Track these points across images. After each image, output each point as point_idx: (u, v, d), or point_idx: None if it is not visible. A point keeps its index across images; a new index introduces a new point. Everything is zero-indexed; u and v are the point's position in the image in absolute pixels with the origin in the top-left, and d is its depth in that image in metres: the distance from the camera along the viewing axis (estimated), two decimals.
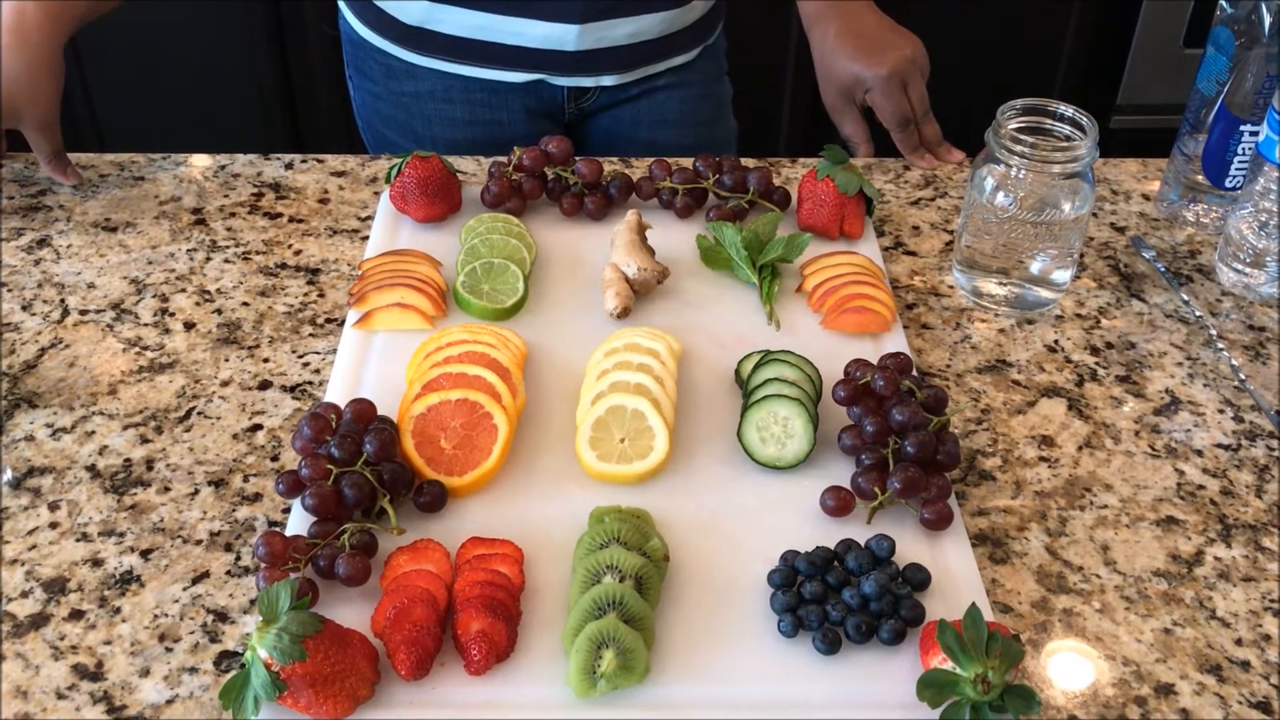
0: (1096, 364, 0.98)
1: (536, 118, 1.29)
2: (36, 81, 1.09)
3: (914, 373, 0.88)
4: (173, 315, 1.00)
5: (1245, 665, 0.74)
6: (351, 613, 0.74)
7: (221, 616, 0.76)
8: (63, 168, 1.14)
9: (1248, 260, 1.04)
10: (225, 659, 0.73)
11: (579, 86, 1.27)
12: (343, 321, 0.99)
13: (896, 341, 0.96)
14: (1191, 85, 1.11)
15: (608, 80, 1.27)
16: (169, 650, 0.74)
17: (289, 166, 1.19)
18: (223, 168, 1.19)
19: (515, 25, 1.20)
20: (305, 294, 1.02)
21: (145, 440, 0.88)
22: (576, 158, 1.09)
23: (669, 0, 1.23)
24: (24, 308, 1.00)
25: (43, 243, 1.08)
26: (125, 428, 0.89)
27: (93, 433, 0.88)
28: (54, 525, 0.81)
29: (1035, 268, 0.99)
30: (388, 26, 1.25)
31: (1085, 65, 2.28)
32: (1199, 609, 0.78)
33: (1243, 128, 1.05)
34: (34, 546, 0.80)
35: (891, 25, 1.21)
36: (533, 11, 1.19)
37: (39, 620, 0.75)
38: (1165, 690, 0.73)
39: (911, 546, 0.80)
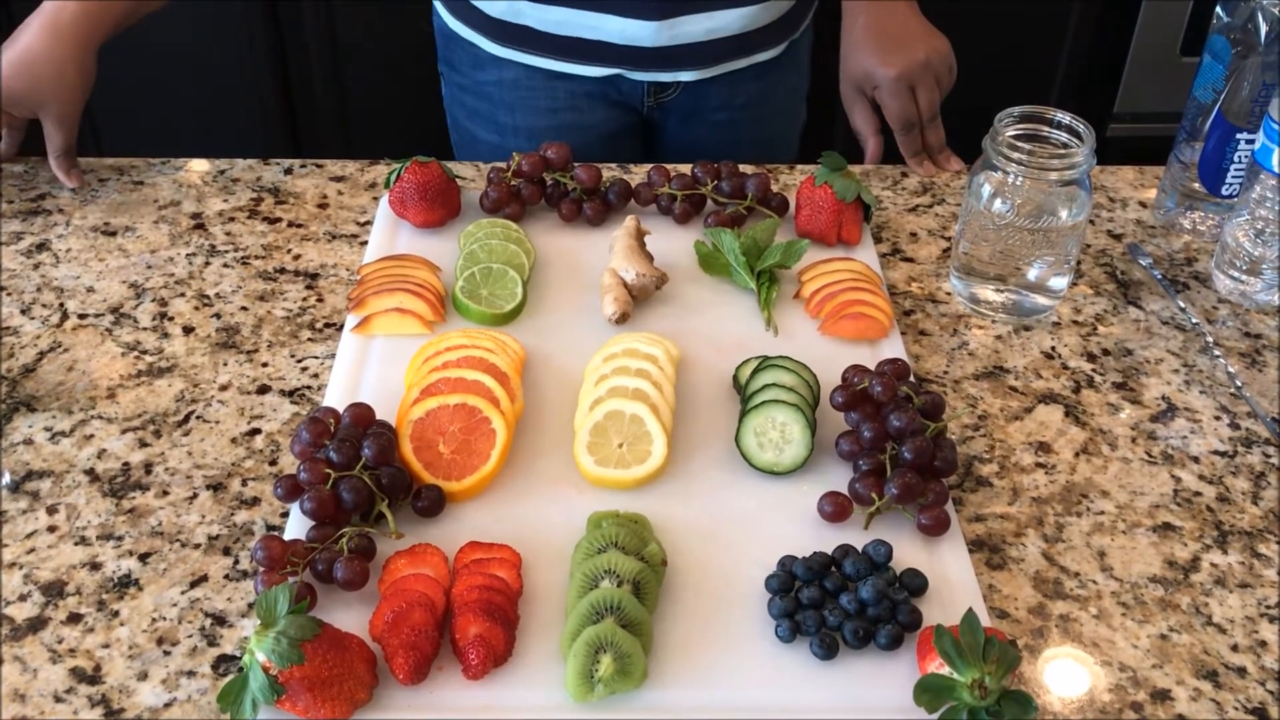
0: (1093, 371, 0.98)
1: (615, 109, 1.30)
2: (62, 74, 1.12)
3: (911, 379, 0.88)
4: (171, 319, 1.00)
5: (1241, 671, 0.75)
6: (350, 617, 0.74)
7: (220, 620, 0.76)
8: (68, 167, 1.15)
9: (1244, 268, 1.04)
10: (223, 662, 0.73)
11: (658, 81, 1.28)
12: (341, 326, 0.99)
13: (894, 348, 0.96)
14: (1188, 93, 1.11)
15: (686, 76, 1.27)
16: (167, 654, 0.74)
17: (288, 171, 1.19)
18: (222, 172, 1.19)
19: (593, 20, 1.21)
20: (304, 298, 1.03)
21: (144, 444, 0.88)
22: (575, 163, 1.10)
23: None
24: (23, 311, 1.00)
25: (42, 246, 1.08)
26: (124, 431, 0.89)
27: (91, 436, 0.88)
28: (52, 529, 0.81)
29: (1032, 274, 1.00)
30: (474, 18, 1.28)
31: (1082, 73, 2.28)
32: (1195, 615, 0.78)
33: (1239, 136, 1.06)
34: (32, 550, 0.80)
35: (920, 25, 1.21)
36: (611, 7, 1.20)
37: (37, 623, 0.75)
38: (1161, 696, 0.73)
39: (909, 552, 0.80)
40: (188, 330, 0.99)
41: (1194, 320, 1.03)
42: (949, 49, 1.19)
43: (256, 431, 0.89)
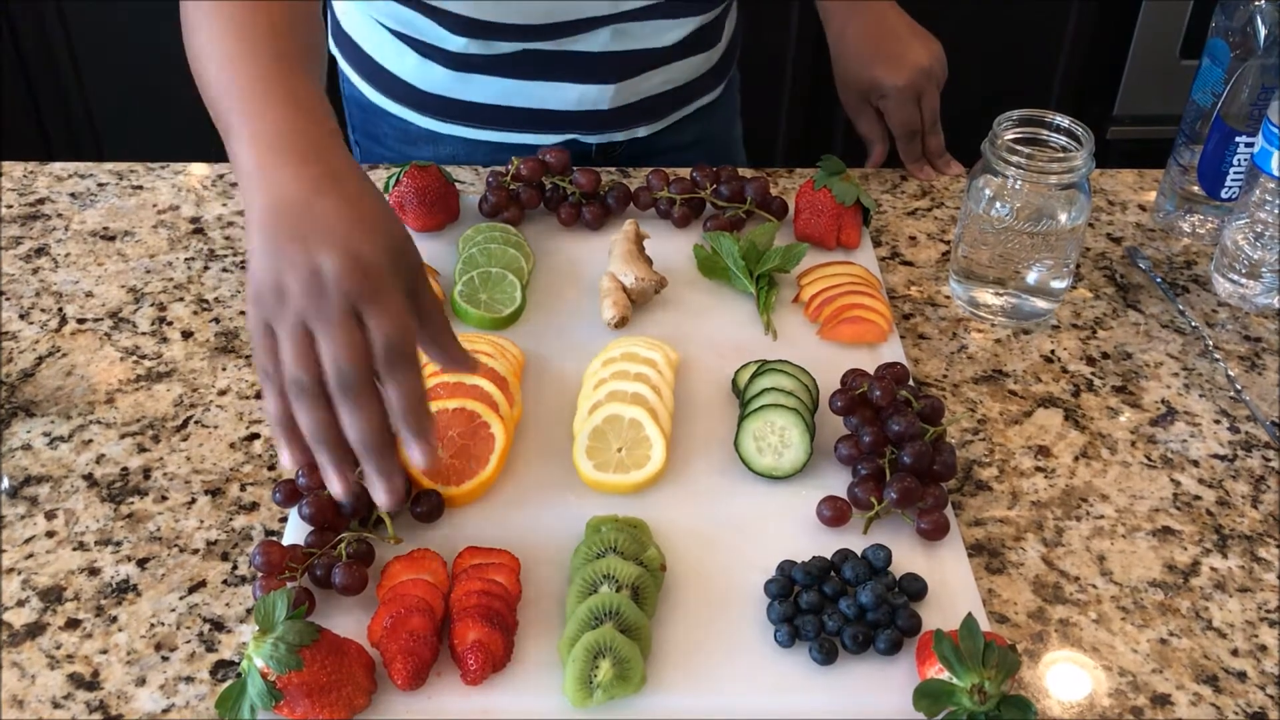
0: (1093, 374, 0.98)
1: None
2: (379, 202, 0.74)
3: (910, 383, 0.88)
4: (170, 324, 1.00)
5: (1241, 676, 0.75)
6: (348, 622, 0.74)
7: (218, 625, 0.76)
8: (462, 352, 0.78)
9: (1243, 271, 1.04)
10: (222, 668, 0.73)
11: (611, 141, 1.22)
12: None
13: (893, 351, 0.96)
14: (1188, 96, 1.11)
15: (641, 131, 1.22)
16: (165, 659, 0.74)
17: None
18: (221, 176, 1.19)
19: (547, 90, 1.14)
20: None
21: (142, 449, 0.88)
22: (574, 167, 1.10)
23: (701, 46, 1.19)
24: (22, 316, 1.00)
25: (41, 251, 1.08)
26: (122, 436, 0.89)
27: (90, 441, 0.88)
28: (51, 534, 0.81)
29: (1032, 278, 1.00)
30: (402, 92, 1.18)
31: (1081, 76, 2.28)
32: (1195, 619, 0.78)
33: (1238, 139, 1.06)
34: (31, 555, 0.80)
35: (911, 27, 1.19)
36: (568, 76, 1.13)
37: (35, 629, 0.75)
38: (1161, 701, 0.73)
39: (908, 556, 0.80)
40: (186, 335, 0.99)
41: (1193, 324, 1.03)
42: (942, 49, 1.19)
43: (255, 436, 0.89)
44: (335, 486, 0.68)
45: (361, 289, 0.67)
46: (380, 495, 0.69)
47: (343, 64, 1.24)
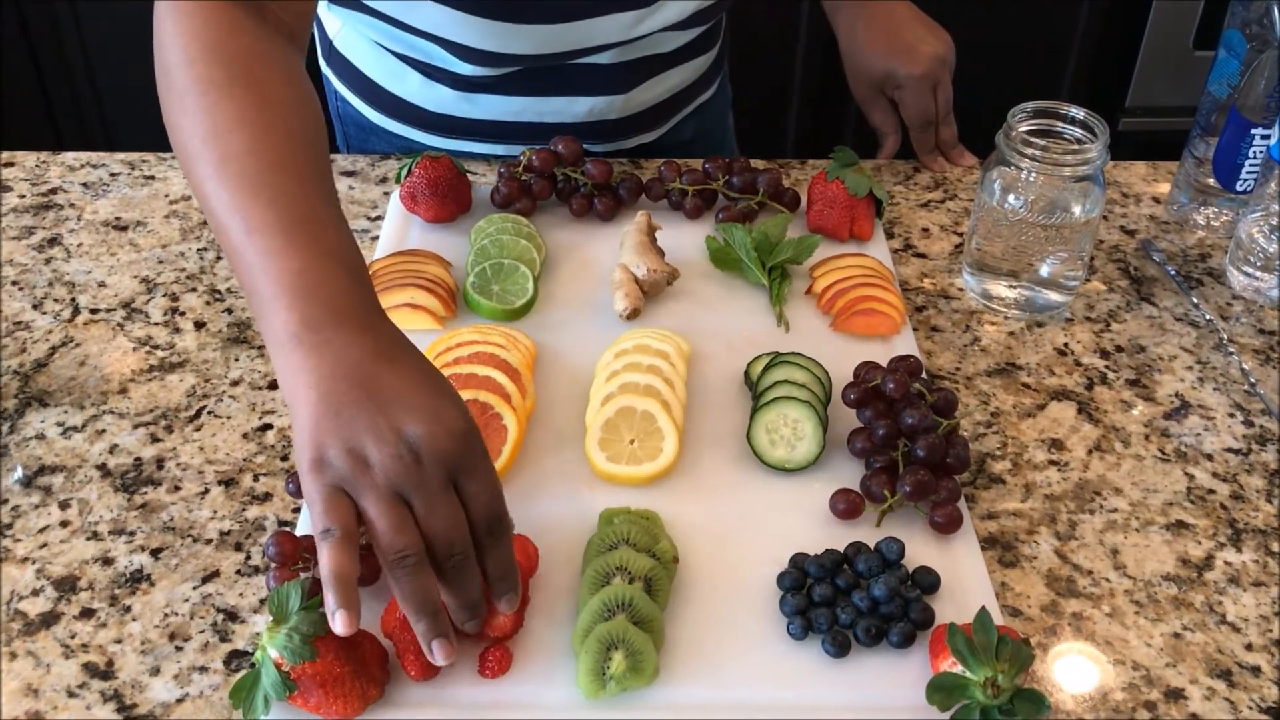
0: (1106, 367, 0.97)
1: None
2: (437, 369, 0.72)
3: (924, 375, 0.88)
4: (183, 314, 1.00)
5: (1255, 670, 0.74)
6: (362, 613, 0.74)
7: (232, 616, 0.76)
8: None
9: (1258, 264, 1.03)
10: (235, 658, 0.74)
11: (619, 149, 1.22)
12: None
13: (906, 344, 0.96)
14: (1202, 88, 1.10)
15: (648, 138, 1.22)
16: (179, 649, 0.74)
17: None
18: None
19: (556, 104, 1.13)
20: None
21: (156, 439, 0.88)
22: (586, 158, 1.09)
23: (703, 47, 1.19)
24: (35, 306, 1.00)
25: (53, 241, 1.08)
26: (136, 427, 0.89)
27: (103, 431, 0.89)
28: (65, 524, 0.82)
29: (1045, 270, 0.99)
30: (406, 113, 1.17)
31: (1094, 67, 2.27)
32: (1209, 614, 0.78)
33: (1254, 131, 1.05)
34: (45, 545, 0.80)
35: (921, 18, 1.19)
36: (579, 90, 1.12)
37: (50, 619, 0.75)
38: (1175, 695, 0.73)
39: (921, 549, 0.80)
40: (199, 325, 0.99)
41: (1208, 317, 1.02)
42: (951, 39, 1.19)
43: (268, 427, 0.89)
44: (439, 656, 0.66)
45: (456, 457, 0.66)
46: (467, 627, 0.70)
47: (337, 84, 1.22)
